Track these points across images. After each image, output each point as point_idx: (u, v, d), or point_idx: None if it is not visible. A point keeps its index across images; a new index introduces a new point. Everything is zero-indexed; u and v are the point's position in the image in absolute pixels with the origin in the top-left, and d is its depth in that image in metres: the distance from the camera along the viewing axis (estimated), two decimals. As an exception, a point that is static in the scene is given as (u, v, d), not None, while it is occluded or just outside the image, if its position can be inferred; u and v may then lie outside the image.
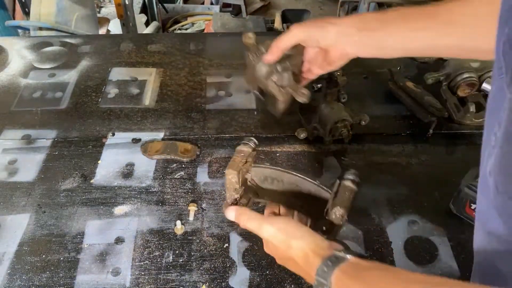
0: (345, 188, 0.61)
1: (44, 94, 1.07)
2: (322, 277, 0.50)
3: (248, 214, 0.62)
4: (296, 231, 0.57)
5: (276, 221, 0.59)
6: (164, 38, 1.29)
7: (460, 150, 0.94)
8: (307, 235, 0.56)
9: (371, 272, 0.49)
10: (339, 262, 0.51)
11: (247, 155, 0.65)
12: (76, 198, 0.83)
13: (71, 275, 0.70)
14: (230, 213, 0.65)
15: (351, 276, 0.49)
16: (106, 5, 3.28)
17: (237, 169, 0.63)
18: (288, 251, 0.56)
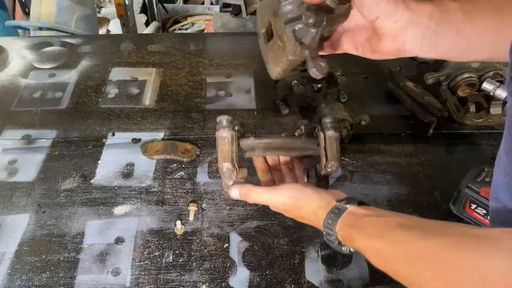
0: (331, 139, 0.66)
1: (44, 94, 1.07)
2: (328, 228, 0.57)
3: (254, 189, 0.66)
4: (302, 194, 0.62)
5: (283, 190, 0.63)
6: (164, 38, 1.29)
7: (460, 150, 0.94)
8: (313, 194, 0.62)
9: (366, 219, 0.54)
10: (340, 213, 0.57)
11: (231, 139, 0.65)
12: (76, 198, 0.83)
13: (71, 275, 0.70)
14: (235, 192, 0.67)
15: (348, 225, 0.55)
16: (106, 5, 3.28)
17: (229, 159, 0.64)
18: (300, 212, 0.62)
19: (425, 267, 0.44)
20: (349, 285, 0.70)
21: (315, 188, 0.63)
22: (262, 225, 0.78)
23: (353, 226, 0.54)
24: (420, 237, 0.46)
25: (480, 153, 0.92)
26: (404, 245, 0.47)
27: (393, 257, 0.48)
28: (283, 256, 0.74)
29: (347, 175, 0.88)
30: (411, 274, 0.46)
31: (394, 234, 0.49)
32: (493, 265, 0.38)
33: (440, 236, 0.45)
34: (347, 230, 0.55)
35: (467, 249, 0.41)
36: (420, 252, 0.45)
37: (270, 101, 1.03)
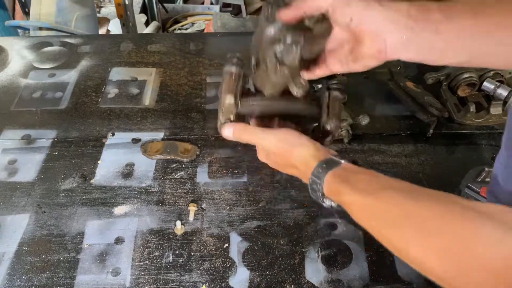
0: (335, 99, 0.66)
1: (44, 94, 1.07)
2: (316, 176, 0.55)
3: (248, 127, 0.64)
4: (297, 140, 0.60)
5: (278, 132, 0.62)
6: (164, 38, 1.29)
7: (460, 150, 0.94)
8: (307, 142, 0.60)
9: (358, 176, 0.52)
10: (333, 165, 0.55)
11: (239, 76, 0.65)
12: (76, 198, 0.83)
13: (71, 275, 0.70)
14: (228, 130, 0.65)
15: (340, 178, 0.53)
16: (106, 5, 3.28)
17: (233, 91, 0.64)
18: (290, 158, 0.60)
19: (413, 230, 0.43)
20: (349, 285, 0.70)
21: (310, 139, 0.61)
22: (262, 225, 0.78)
23: (344, 180, 0.53)
24: (413, 200, 0.45)
25: (480, 153, 0.92)
26: (395, 206, 0.47)
27: (381, 216, 0.47)
28: (283, 256, 0.74)
29: (347, 175, 0.88)
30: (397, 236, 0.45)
31: (386, 193, 0.49)
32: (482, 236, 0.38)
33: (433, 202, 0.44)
34: (337, 183, 0.53)
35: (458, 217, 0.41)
36: (410, 214, 0.44)
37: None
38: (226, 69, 0.65)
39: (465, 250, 0.38)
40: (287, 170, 0.63)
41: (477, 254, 0.37)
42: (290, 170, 0.62)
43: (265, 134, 0.62)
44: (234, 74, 0.65)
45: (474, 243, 0.38)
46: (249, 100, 0.66)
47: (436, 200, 0.45)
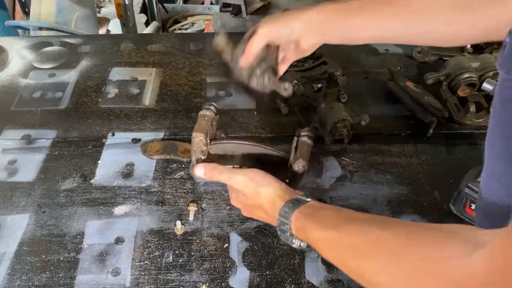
0: (303, 144, 0.70)
1: (44, 94, 1.07)
2: (283, 217, 0.56)
3: (219, 167, 0.67)
4: (264, 180, 0.62)
5: (247, 172, 0.64)
6: (164, 38, 1.29)
7: (460, 150, 0.94)
8: (274, 183, 0.62)
9: (324, 212, 0.54)
10: (300, 204, 0.56)
11: (211, 118, 0.70)
12: (76, 198, 0.83)
13: (71, 275, 0.70)
14: (199, 170, 0.68)
15: (307, 215, 0.54)
16: (106, 5, 3.28)
17: (204, 131, 0.68)
18: (257, 198, 0.61)
19: (376, 257, 0.43)
20: (349, 285, 0.70)
21: (278, 179, 0.63)
22: (262, 225, 0.78)
23: (310, 217, 0.53)
24: (377, 229, 0.45)
25: (480, 153, 0.92)
26: (358, 236, 0.47)
27: (346, 248, 0.48)
28: (283, 256, 0.74)
29: (347, 175, 0.88)
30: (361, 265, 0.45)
31: (350, 225, 0.49)
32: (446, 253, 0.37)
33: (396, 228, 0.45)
34: (303, 220, 0.54)
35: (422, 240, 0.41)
36: (376, 243, 0.44)
37: (270, 101, 1.03)
38: (201, 113, 0.71)
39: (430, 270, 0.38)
40: (256, 213, 0.65)
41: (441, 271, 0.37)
42: (258, 213, 0.64)
43: (234, 173, 0.65)
44: (207, 117, 0.70)
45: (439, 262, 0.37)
46: (220, 141, 0.71)
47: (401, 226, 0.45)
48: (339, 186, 0.85)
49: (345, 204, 0.82)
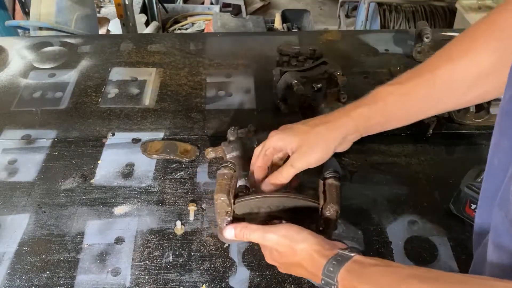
0: (331, 186, 0.65)
1: (44, 94, 1.07)
2: (328, 277, 0.51)
3: (249, 226, 0.62)
4: (298, 235, 0.58)
5: (278, 229, 0.60)
6: (164, 38, 1.29)
7: (460, 150, 0.94)
8: (310, 237, 0.57)
9: (374, 269, 0.49)
10: (344, 261, 0.51)
11: (230, 176, 0.65)
12: (76, 198, 0.83)
13: (71, 275, 0.71)
14: (229, 231, 0.64)
15: (355, 275, 0.50)
16: (106, 5, 3.28)
17: (226, 191, 0.63)
18: (294, 256, 0.57)
19: None
20: (349, 285, 0.70)
21: (313, 232, 0.58)
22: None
23: (359, 276, 0.49)
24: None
25: (480, 153, 0.92)
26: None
27: None
28: (283, 256, 0.74)
29: (347, 175, 0.88)
30: None
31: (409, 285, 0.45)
32: None
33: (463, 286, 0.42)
34: (351, 280, 0.50)
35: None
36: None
37: (270, 101, 1.03)
38: (219, 172, 0.66)
39: None
40: (294, 270, 0.61)
41: None
42: (297, 270, 0.59)
43: (265, 232, 0.60)
44: (227, 175, 0.66)
45: None
46: (244, 198, 0.66)
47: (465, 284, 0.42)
48: (339, 186, 0.85)
49: (345, 204, 0.82)
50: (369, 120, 0.66)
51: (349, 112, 0.67)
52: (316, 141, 0.66)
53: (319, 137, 0.66)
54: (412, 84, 0.64)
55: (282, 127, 0.71)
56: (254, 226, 0.62)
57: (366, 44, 1.25)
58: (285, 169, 0.67)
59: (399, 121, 0.68)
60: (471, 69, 0.60)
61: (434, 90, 0.62)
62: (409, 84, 0.64)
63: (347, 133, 0.67)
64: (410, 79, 0.64)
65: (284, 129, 0.70)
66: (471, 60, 0.59)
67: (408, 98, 0.65)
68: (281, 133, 0.69)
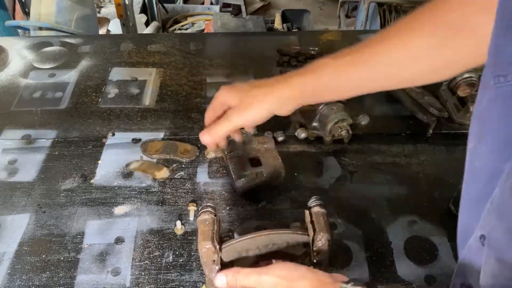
0: (317, 214, 0.62)
1: (44, 94, 1.07)
2: None
3: (242, 271, 0.58)
4: (296, 273, 0.55)
5: (274, 269, 0.56)
6: (164, 38, 1.29)
7: (460, 150, 0.93)
8: (309, 273, 0.55)
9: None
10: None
11: (212, 221, 0.61)
12: (76, 198, 0.83)
13: (71, 275, 0.71)
14: (220, 279, 0.59)
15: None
16: (106, 5, 3.28)
17: (210, 238, 0.59)
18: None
19: None
20: (349, 285, 0.70)
21: (310, 267, 0.56)
22: (262, 225, 0.78)
23: None
24: None
25: (480, 153, 0.92)
26: None
27: None
28: (283, 256, 0.74)
29: (347, 175, 0.88)
30: None
31: None
32: None
33: None
34: None
35: None
36: None
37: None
38: (199, 219, 0.62)
39: None
40: None
41: None
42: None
43: (260, 275, 0.56)
44: (208, 221, 0.61)
45: None
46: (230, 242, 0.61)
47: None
48: (339, 186, 0.85)
49: (345, 204, 0.82)
50: (304, 89, 0.68)
51: (287, 79, 0.69)
52: (252, 100, 0.69)
53: (256, 98, 0.69)
54: (348, 59, 0.65)
55: (232, 85, 0.75)
56: (247, 269, 0.58)
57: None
58: (221, 121, 0.71)
59: (332, 94, 0.70)
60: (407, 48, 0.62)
61: (369, 67, 0.64)
62: (345, 58, 0.66)
63: (283, 98, 0.69)
64: (348, 54, 0.66)
65: (232, 86, 0.74)
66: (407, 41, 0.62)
67: (343, 73, 0.66)
68: (228, 89, 0.73)
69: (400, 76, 0.66)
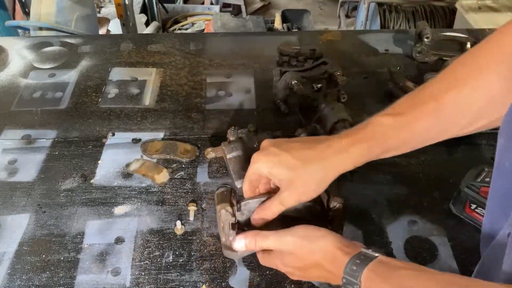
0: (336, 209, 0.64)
1: (44, 94, 1.07)
2: (351, 275, 0.48)
3: (261, 233, 0.58)
4: (318, 233, 0.55)
5: (295, 230, 0.56)
6: (164, 38, 1.29)
7: (460, 150, 0.93)
8: (330, 234, 0.54)
9: (403, 272, 0.46)
10: (368, 260, 0.49)
11: (230, 191, 0.63)
12: (76, 198, 0.83)
13: (71, 275, 0.71)
14: (239, 242, 0.59)
15: (382, 276, 0.47)
16: (106, 5, 3.28)
17: (228, 201, 0.61)
18: (312, 255, 0.54)
19: None
20: (349, 285, 0.70)
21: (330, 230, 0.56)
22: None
23: (386, 278, 0.46)
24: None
25: (480, 153, 0.92)
26: None
27: None
28: (283, 256, 0.74)
29: (347, 175, 0.87)
30: None
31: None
32: None
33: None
34: (378, 282, 0.46)
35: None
36: None
37: (270, 101, 1.03)
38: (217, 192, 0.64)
39: None
40: (310, 273, 0.57)
41: None
42: (313, 272, 0.56)
43: (281, 235, 0.56)
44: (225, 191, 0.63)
45: None
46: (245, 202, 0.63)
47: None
48: (339, 186, 0.85)
49: (345, 204, 0.82)
50: (367, 156, 0.60)
51: (347, 148, 0.59)
52: (310, 180, 0.58)
53: (313, 176, 0.58)
54: (415, 115, 0.58)
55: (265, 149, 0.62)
56: (266, 232, 0.58)
57: (366, 44, 1.25)
58: (273, 206, 0.61)
59: (399, 152, 0.63)
60: (478, 95, 0.54)
61: (439, 121, 0.57)
62: (411, 114, 0.58)
63: (343, 170, 0.60)
64: (412, 108, 0.58)
65: (268, 154, 0.61)
66: (478, 86, 0.54)
67: (411, 131, 0.58)
68: (266, 160, 0.60)
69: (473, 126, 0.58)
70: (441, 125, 0.57)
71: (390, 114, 0.60)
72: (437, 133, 0.59)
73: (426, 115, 0.57)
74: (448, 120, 0.57)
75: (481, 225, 0.74)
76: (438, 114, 0.56)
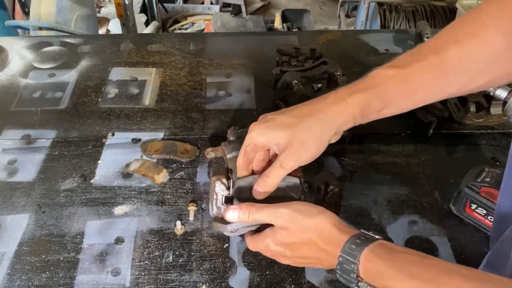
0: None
1: (44, 94, 1.07)
2: (349, 254, 0.47)
3: (255, 205, 0.56)
4: (314, 209, 0.53)
5: (290, 204, 0.55)
6: (164, 38, 1.29)
7: (460, 150, 0.94)
8: (325, 211, 0.53)
9: (405, 256, 0.45)
10: (368, 241, 0.48)
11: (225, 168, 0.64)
12: (76, 198, 0.83)
13: (71, 275, 0.70)
14: (232, 213, 0.57)
15: (383, 258, 0.46)
16: (106, 5, 3.28)
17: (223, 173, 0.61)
18: (306, 232, 0.52)
19: None
20: (349, 285, 0.70)
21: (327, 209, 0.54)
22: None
23: (387, 260, 0.45)
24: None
25: (480, 153, 0.92)
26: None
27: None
28: (283, 256, 0.74)
29: (347, 175, 0.88)
30: None
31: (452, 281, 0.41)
32: None
33: None
34: (378, 263, 0.45)
35: None
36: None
37: (270, 101, 1.03)
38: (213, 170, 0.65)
39: None
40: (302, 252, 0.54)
41: None
42: (306, 251, 0.54)
43: (275, 208, 0.54)
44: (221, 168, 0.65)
45: None
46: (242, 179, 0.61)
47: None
48: (339, 186, 0.85)
49: (345, 204, 0.82)
50: (367, 107, 0.57)
51: (345, 97, 0.57)
52: (307, 136, 0.56)
53: (311, 131, 0.56)
54: (416, 67, 0.56)
55: (262, 118, 0.60)
56: (261, 204, 0.56)
57: (366, 44, 1.25)
58: (273, 171, 0.58)
59: (398, 108, 0.59)
60: (482, 51, 0.52)
61: (439, 76, 0.55)
62: (412, 67, 0.56)
63: (342, 123, 0.57)
64: (413, 62, 0.56)
65: (265, 121, 0.59)
66: (482, 42, 0.52)
67: (411, 84, 0.56)
68: (262, 126, 0.58)
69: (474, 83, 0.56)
70: (442, 80, 0.55)
71: (391, 66, 0.57)
72: (436, 89, 0.57)
73: (428, 68, 0.55)
74: (449, 75, 0.55)
75: (481, 225, 0.74)
76: (439, 69, 0.55)
